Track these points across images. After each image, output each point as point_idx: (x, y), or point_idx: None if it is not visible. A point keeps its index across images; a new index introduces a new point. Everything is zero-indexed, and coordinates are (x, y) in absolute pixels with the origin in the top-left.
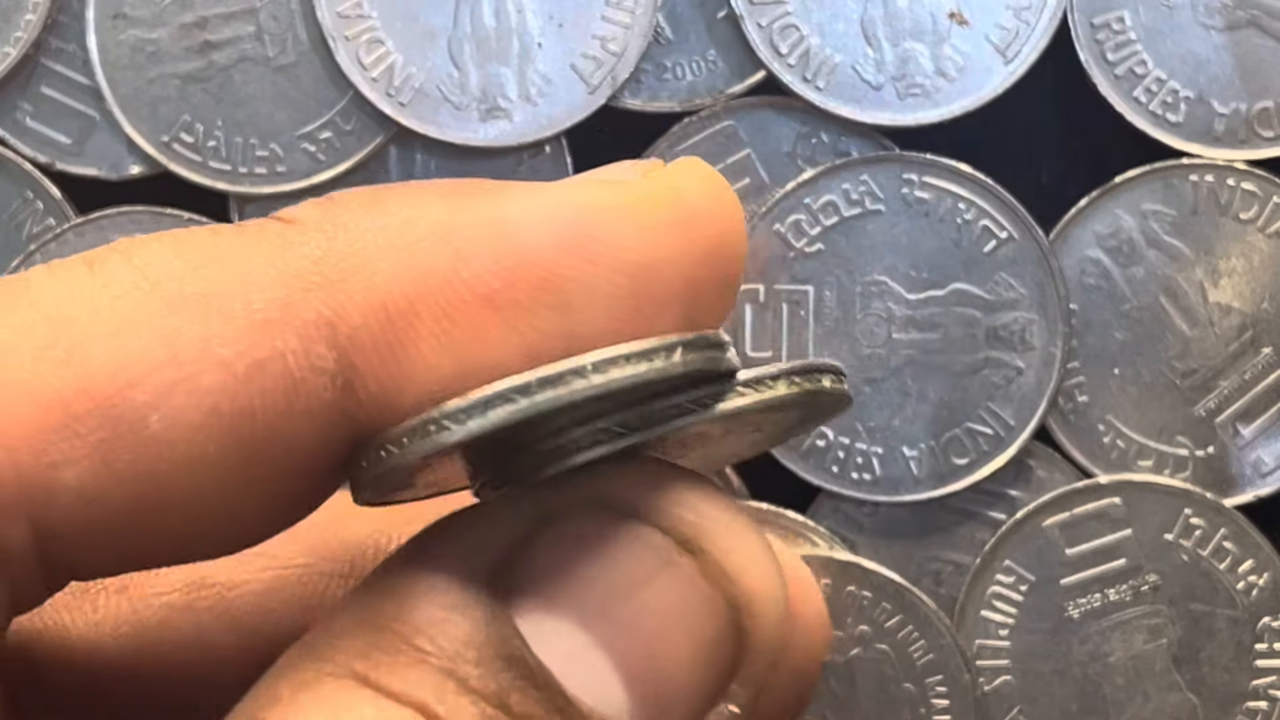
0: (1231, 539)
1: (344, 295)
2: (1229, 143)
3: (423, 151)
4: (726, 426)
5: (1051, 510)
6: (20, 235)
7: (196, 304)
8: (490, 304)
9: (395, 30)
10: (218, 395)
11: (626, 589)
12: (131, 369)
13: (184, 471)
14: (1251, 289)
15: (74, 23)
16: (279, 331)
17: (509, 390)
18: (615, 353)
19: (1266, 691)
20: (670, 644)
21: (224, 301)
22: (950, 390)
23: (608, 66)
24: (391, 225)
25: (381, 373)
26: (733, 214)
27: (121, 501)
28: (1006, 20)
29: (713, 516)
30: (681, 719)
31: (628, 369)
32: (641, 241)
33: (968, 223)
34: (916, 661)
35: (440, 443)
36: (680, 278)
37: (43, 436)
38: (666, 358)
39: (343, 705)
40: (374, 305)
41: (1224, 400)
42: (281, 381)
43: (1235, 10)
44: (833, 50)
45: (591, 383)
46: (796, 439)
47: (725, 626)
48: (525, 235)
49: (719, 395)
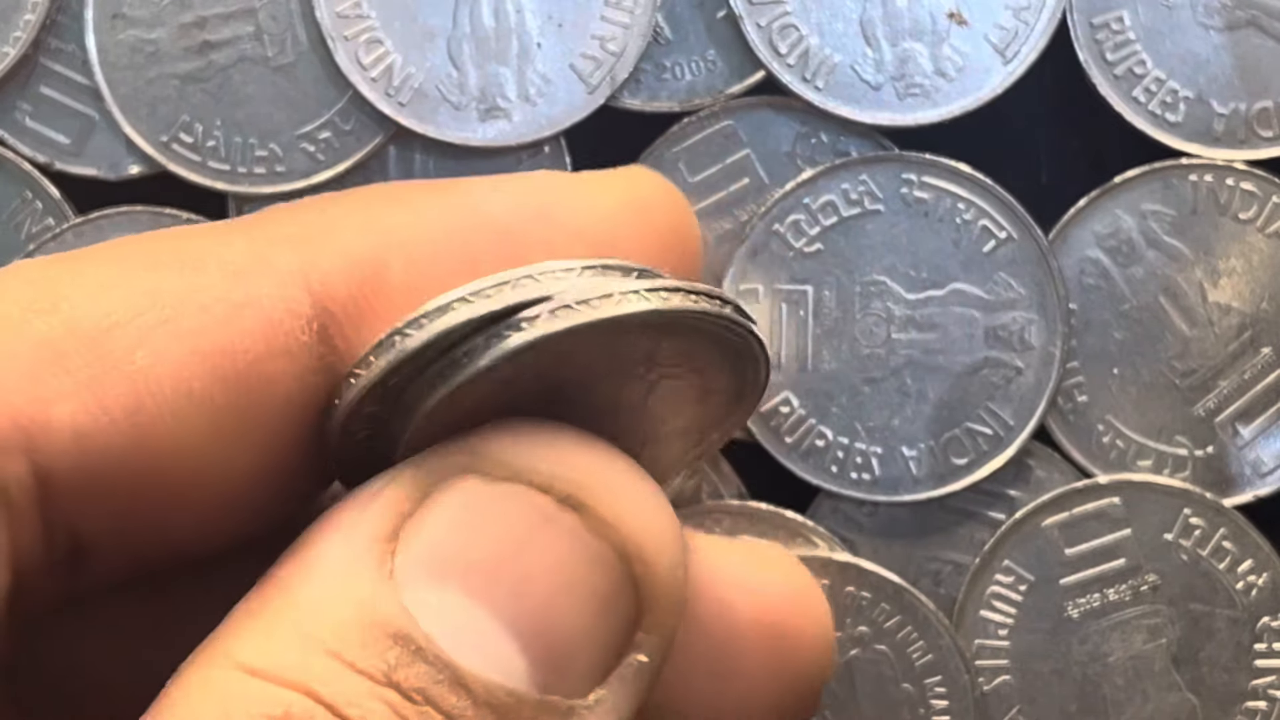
0: (1231, 539)
1: (316, 248)
2: (1228, 143)
3: (422, 151)
4: (633, 365)
5: (1051, 510)
6: (19, 235)
7: (175, 261)
8: (457, 260)
9: (394, 30)
10: (198, 335)
11: (510, 553)
12: (115, 314)
13: (171, 409)
14: (1251, 289)
15: (73, 23)
16: (254, 279)
17: (462, 294)
18: (551, 266)
19: (1266, 691)
20: (561, 602)
21: (201, 259)
22: (950, 390)
23: (607, 66)
24: (359, 195)
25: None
26: (684, 209)
27: (113, 441)
28: (1006, 20)
29: (592, 469)
30: (583, 675)
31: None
32: (600, 216)
33: (967, 223)
34: (915, 662)
35: (404, 350)
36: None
37: (35, 373)
38: (602, 273)
39: (229, 696)
40: (344, 256)
41: (1223, 400)
42: (259, 323)
43: (1235, 10)
44: (832, 50)
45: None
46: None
47: (618, 577)
48: (490, 202)
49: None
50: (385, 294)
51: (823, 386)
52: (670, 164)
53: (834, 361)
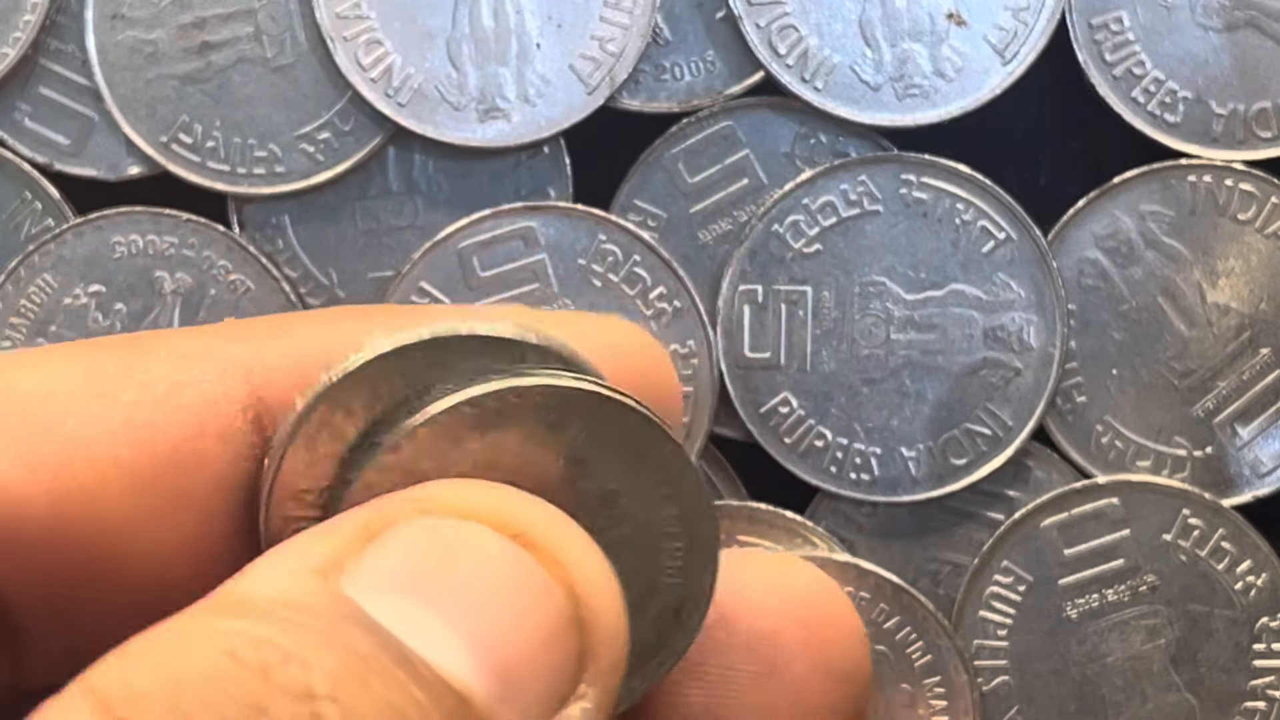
0: (1230, 539)
1: (261, 344)
2: (1227, 143)
3: (421, 152)
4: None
5: (1050, 511)
6: (19, 236)
7: (121, 345)
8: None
9: (394, 31)
10: (133, 408)
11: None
12: (51, 383)
13: (97, 474)
14: (1250, 289)
15: (72, 23)
16: (194, 363)
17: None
18: (465, 327)
19: (1264, 692)
20: (513, 622)
21: (147, 345)
22: (948, 391)
23: (606, 67)
24: (322, 311)
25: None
26: (661, 360)
27: (38, 499)
28: (1005, 21)
29: (539, 516)
30: (531, 703)
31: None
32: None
33: (966, 223)
34: (914, 662)
35: (320, 386)
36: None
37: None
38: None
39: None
40: (288, 353)
41: (1222, 401)
42: (194, 404)
43: (1233, 11)
44: (831, 51)
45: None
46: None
47: (566, 615)
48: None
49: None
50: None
51: (822, 387)
52: (669, 165)
53: (833, 362)
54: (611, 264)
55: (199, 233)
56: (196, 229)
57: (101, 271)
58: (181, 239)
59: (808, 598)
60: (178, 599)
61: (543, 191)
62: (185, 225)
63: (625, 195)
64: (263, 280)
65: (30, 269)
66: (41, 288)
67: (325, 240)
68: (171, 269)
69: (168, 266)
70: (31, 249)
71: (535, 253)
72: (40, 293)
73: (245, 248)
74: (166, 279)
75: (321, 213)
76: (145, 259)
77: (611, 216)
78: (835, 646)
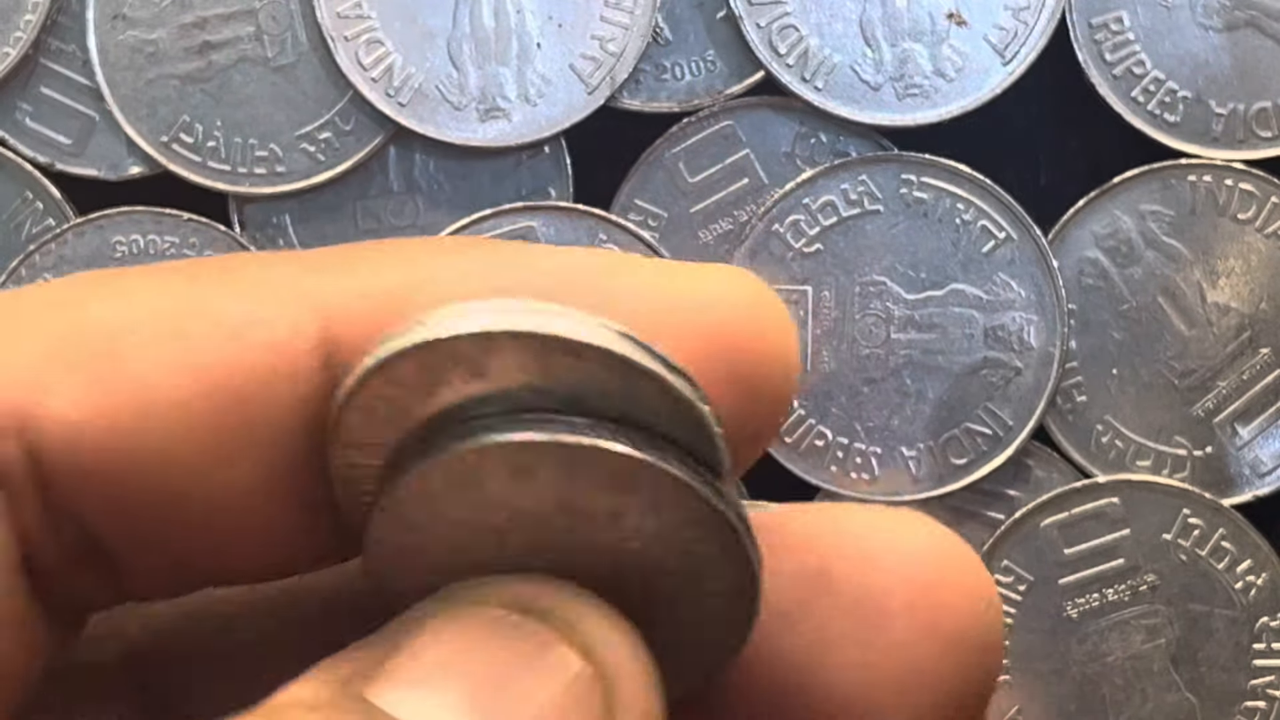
0: (1230, 539)
1: (334, 276)
2: (1227, 143)
3: (422, 151)
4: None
5: (1050, 510)
6: (20, 236)
7: (202, 271)
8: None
9: (394, 31)
10: (203, 348)
11: (477, 654)
12: (123, 320)
13: (165, 416)
14: (1250, 289)
15: (74, 23)
16: (271, 300)
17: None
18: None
19: (1264, 691)
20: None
21: (228, 272)
22: (949, 390)
23: (607, 67)
24: (401, 241)
25: (364, 349)
26: (781, 326)
27: (107, 439)
28: (1005, 20)
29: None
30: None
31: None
32: (664, 307)
33: (966, 223)
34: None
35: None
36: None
37: (36, 365)
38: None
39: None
40: (363, 286)
41: (1222, 400)
42: (266, 343)
43: (1233, 11)
44: (831, 50)
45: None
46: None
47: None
48: (541, 264)
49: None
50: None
51: (822, 386)
52: (670, 164)
53: (833, 362)
54: None
55: (199, 232)
56: (197, 229)
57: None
58: (182, 239)
59: (924, 554)
60: (257, 534)
61: (543, 191)
62: (186, 225)
63: (626, 195)
64: None
65: (31, 269)
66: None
67: (326, 240)
68: None
69: None
70: (32, 249)
71: None
72: None
73: (246, 247)
74: None
75: (322, 212)
76: (147, 259)
77: (612, 216)
78: (952, 610)
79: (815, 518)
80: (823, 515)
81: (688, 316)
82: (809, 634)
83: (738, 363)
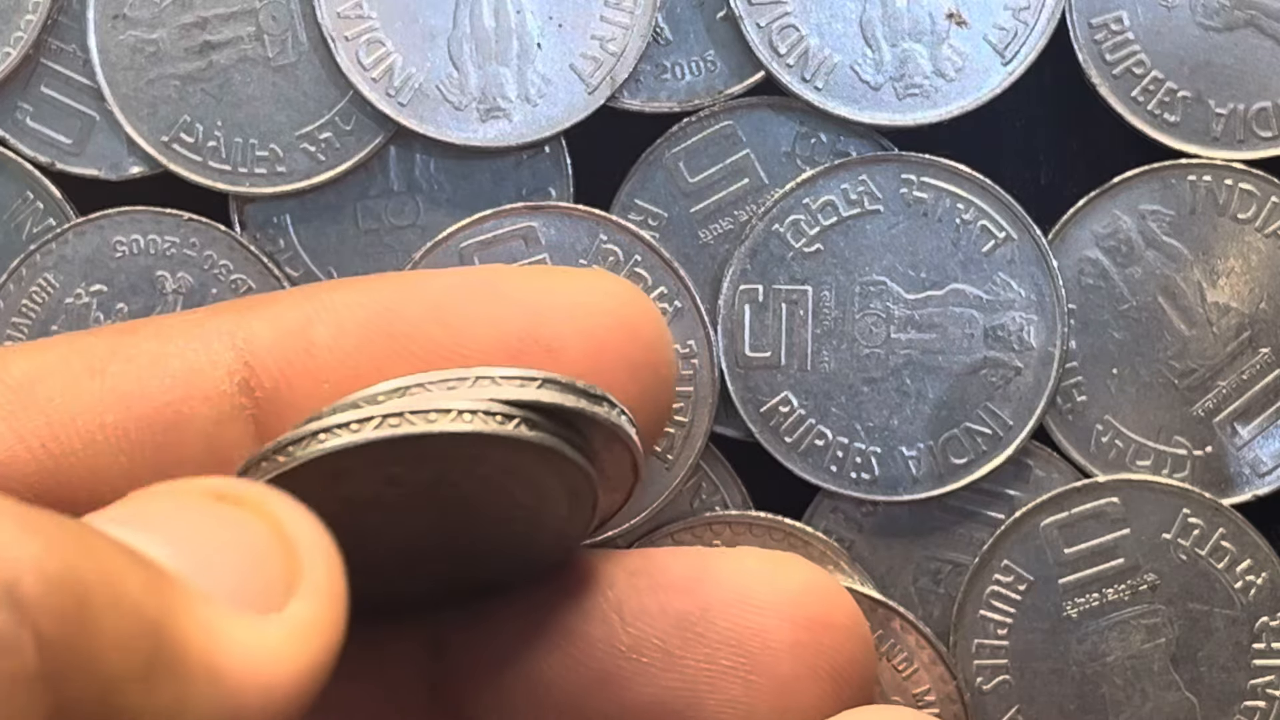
0: (1229, 538)
1: (246, 314)
2: (1227, 143)
3: (422, 151)
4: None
5: (1050, 510)
6: (20, 235)
7: (112, 329)
8: (385, 334)
9: (395, 31)
10: (119, 378)
11: (181, 510)
12: (43, 366)
13: (84, 440)
14: (1249, 289)
15: (74, 23)
16: (181, 337)
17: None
18: (448, 375)
19: (1264, 691)
20: (210, 534)
21: (137, 325)
22: (949, 390)
23: (607, 67)
24: (307, 285)
25: (282, 377)
26: (652, 324)
27: (31, 468)
28: (1005, 20)
29: (249, 486)
30: (242, 595)
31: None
32: (544, 316)
33: (966, 223)
34: (902, 676)
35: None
36: (583, 366)
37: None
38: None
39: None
40: (273, 320)
41: (1222, 400)
42: (180, 370)
43: (1233, 10)
44: (831, 50)
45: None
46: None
47: (267, 537)
48: (429, 285)
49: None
50: (312, 355)
51: (822, 386)
52: (670, 164)
53: (833, 361)
54: (612, 264)
55: (200, 232)
56: (198, 229)
57: (103, 271)
58: (183, 239)
59: (803, 595)
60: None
61: (544, 191)
62: (187, 225)
63: (626, 195)
64: (264, 280)
65: (32, 268)
66: (43, 287)
67: (327, 240)
68: (173, 269)
69: (169, 266)
70: (33, 248)
71: (536, 253)
72: (42, 292)
73: (247, 247)
74: (168, 279)
75: (323, 212)
76: (147, 259)
77: (612, 216)
78: (831, 649)
79: (695, 561)
80: (703, 558)
81: (578, 320)
82: (690, 673)
83: (629, 353)
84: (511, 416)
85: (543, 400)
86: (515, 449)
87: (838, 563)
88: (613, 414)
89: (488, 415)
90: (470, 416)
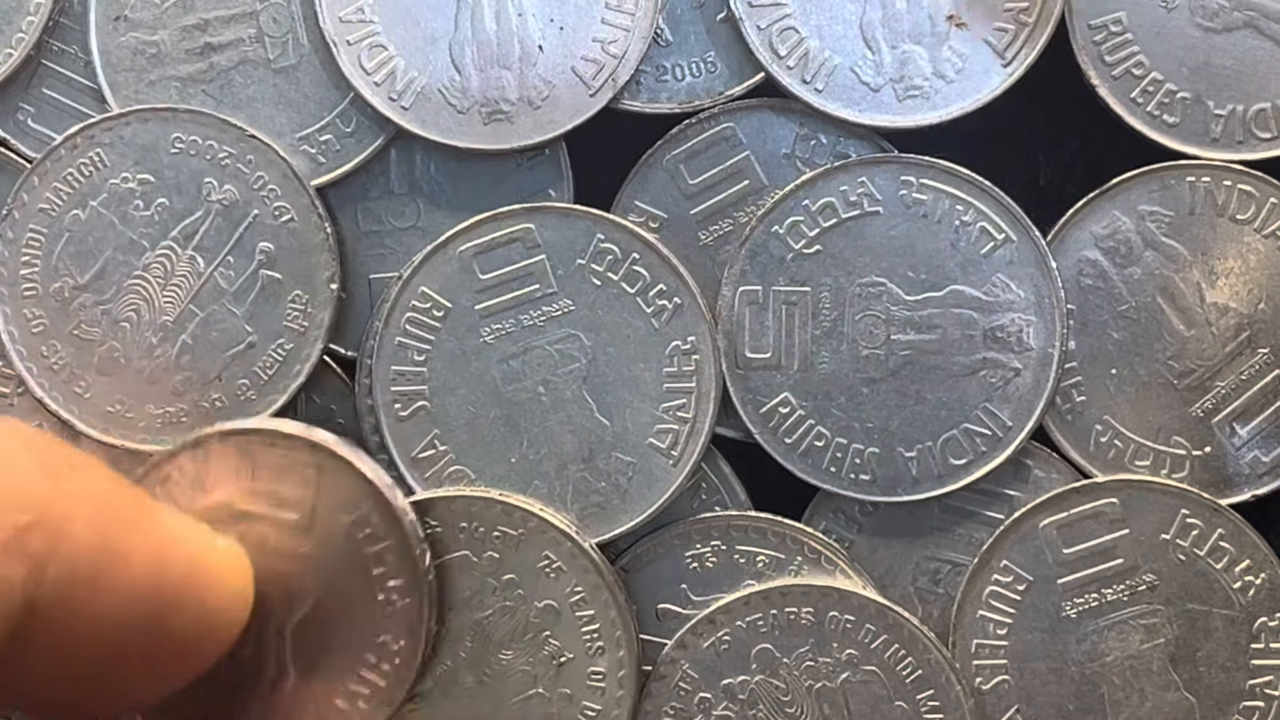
0: (1228, 538)
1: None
2: (1226, 144)
3: (423, 154)
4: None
5: (1049, 510)
6: None
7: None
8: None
9: (397, 35)
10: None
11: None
12: None
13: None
14: (1248, 289)
15: (75, 25)
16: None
17: None
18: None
19: (1263, 690)
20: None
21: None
22: (948, 391)
23: (608, 69)
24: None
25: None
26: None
27: None
28: (1005, 22)
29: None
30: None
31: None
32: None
33: (965, 224)
34: (906, 679)
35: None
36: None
37: None
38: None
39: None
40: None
41: (1221, 400)
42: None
43: (1232, 12)
44: (832, 52)
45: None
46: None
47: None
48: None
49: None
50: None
51: (821, 387)
52: (670, 166)
53: (833, 362)
54: (611, 263)
55: (260, 151)
56: (258, 147)
57: (154, 162)
58: (240, 153)
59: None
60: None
61: (544, 193)
62: (248, 140)
63: (626, 197)
64: (308, 218)
65: (88, 140)
66: (94, 160)
67: None
68: (221, 178)
69: (219, 175)
70: (94, 120)
71: (535, 254)
72: (91, 165)
73: (299, 179)
74: (215, 187)
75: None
76: (201, 162)
77: (609, 215)
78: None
79: None
80: None
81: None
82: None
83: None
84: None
85: None
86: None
87: (838, 563)
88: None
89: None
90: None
